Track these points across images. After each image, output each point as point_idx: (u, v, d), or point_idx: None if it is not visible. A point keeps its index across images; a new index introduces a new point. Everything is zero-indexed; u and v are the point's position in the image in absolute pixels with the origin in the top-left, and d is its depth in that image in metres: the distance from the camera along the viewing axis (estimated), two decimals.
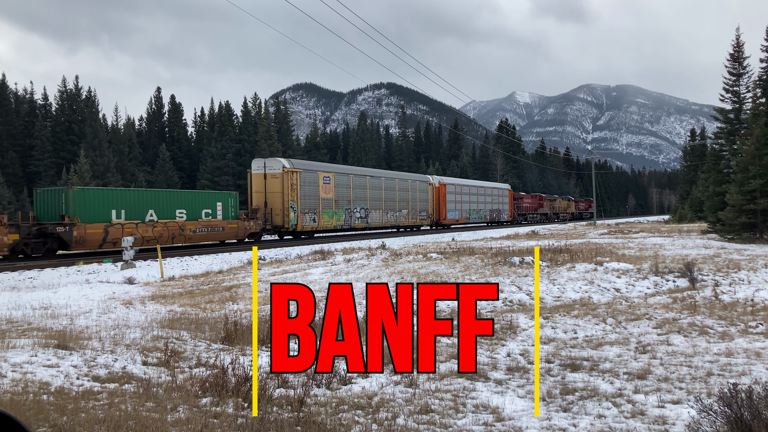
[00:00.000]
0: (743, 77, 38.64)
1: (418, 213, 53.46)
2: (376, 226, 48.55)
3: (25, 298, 13.14)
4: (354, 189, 45.01)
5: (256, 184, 38.92)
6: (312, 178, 40.73)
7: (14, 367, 6.60)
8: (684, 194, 75.22)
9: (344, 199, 43.66)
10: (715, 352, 7.91)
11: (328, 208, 41.96)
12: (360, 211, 45.78)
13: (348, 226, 44.64)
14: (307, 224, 39.93)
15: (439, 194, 56.89)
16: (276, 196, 38.30)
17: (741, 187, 28.72)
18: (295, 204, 38.65)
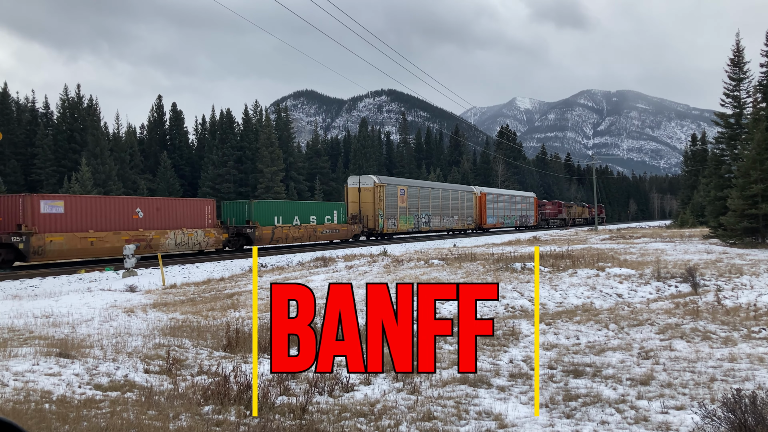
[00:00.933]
0: (744, 82, 38.72)
1: (465, 218, 62.58)
2: (436, 229, 57.25)
3: (27, 306, 13.13)
4: (420, 199, 54.47)
5: (352, 195, 48.50)
6: (393, 191, 49.96)
7: (16, 376, 6.59)
8: (685, 199, 75.15)
9: (414, 207, 53.07)
10: (718, 358, 7.88)
11: (404, 214, 51.34)
12: (425, 217, 55.30)
13: (416, 229, 53.73)
14: (390, 228, 49.12)
15: (481, 203, 65.80)
16: (368, 205, 47.94)
17: (742, 191, 28.70)
18: (382, 211, 48.12)
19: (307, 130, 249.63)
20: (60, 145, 64.52)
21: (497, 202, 69.29)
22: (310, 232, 41.83)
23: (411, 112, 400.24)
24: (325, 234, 43.46)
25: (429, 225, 55.74)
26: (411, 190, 53.06)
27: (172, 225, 31.73)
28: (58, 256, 26.36)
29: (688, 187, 76.10)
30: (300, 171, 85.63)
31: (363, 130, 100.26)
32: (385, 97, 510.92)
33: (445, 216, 58.29)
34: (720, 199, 34.09)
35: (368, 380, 7.23)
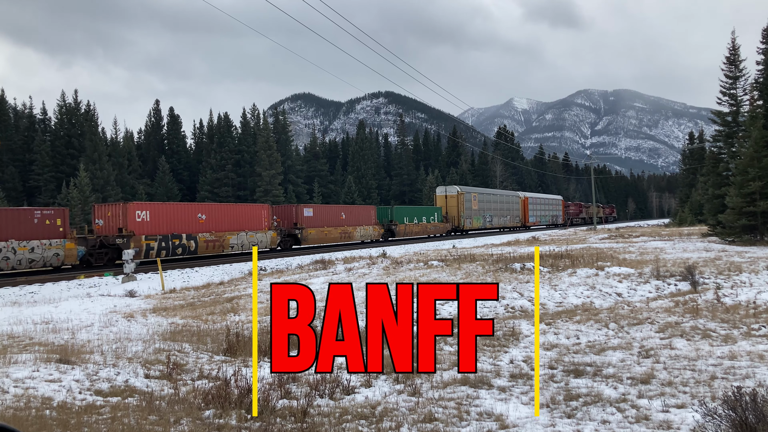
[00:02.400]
0: (740, 80, 38.72)
1: (514, 218, 77.38)
2: (496, 227, 72.48)
3: (27, 312, 13.12)
4: (486, 203, 69.19)
5: (440, 201, 64.54)
6: (469, 197, 65.40)
7: (16, 383, 6.59)
8: (684, 197, 75.27)
9: (482, 209, 68.17)
10: (718, 356, 7.89)
11: (476, 215, 66.53)
12: (489, 217, 70.53)
13: (483, 226, 68.91)
14: (467, 225, 64.79)
15: (524, 205, 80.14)
16: (453, 209, 63.77)
17: (740, 189, 28.74)
18: (462, 213, 63.69)
19: (305, 132, 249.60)
20: (58, 151, 64.48)
21: (536, 204, 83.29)
22: (425, 228, 57.60)
23: (409, 114, 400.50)
24: (430, 230, 58.57)
25: (491, 223, 70.89)
26: (480, 196, 68.23)
27: (236, 227, 36.59)
28: (153, 256, 31.02)
29: (686, 186, 76.21)
30: (298, 174, 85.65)
31: (361, 132, 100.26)
32: (382, 99, 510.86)
33: (501, 216, 73.37)
34: (718, 197, 34.12)
35: (369, 382, 7.23)
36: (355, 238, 47.49)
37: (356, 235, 46.26)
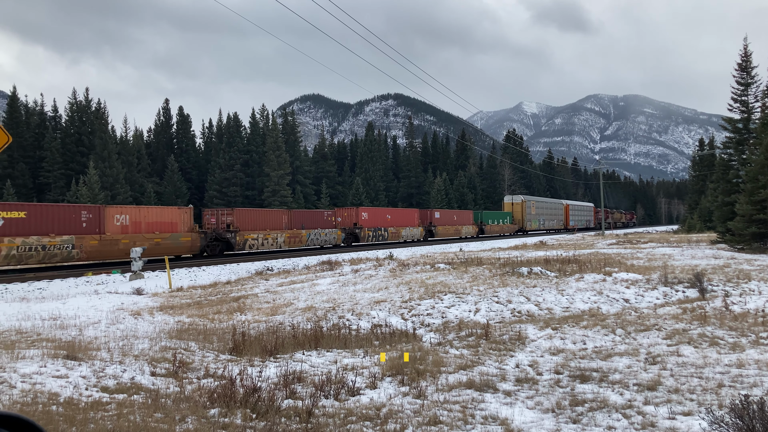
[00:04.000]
0: (752, 86, 38.52)
1: (559, 221, 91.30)
2: (546, 228, 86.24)
3: (35, 308, 13.20)
4: (540, 209, 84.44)
5: (507, 207, 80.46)
6: (529, 205, 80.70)
7: (23, 378, 6.62)
8: (693, 204, 74.87)
9: (538, 214, 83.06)
10: (726, 363, 7.84)
11: (534, 218, 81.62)
12: (542, 221, 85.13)
13: (539, 228, 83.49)
14: (528, 227, 79.80)
15: (567, 211, 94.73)
16: (518, 213, 79.09)
17: (750, 196, 28.55)
18: (525, 217, 78.97)
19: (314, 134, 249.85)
20: (68, 148, 64.80)
21: (575, 210, 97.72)
22: (502, 228, 74.17)
23: (418, 116, 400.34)
24: (506, 230, 75.08)
25: (544, 225, 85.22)
26: (537, 203, 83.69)
27: (313, 226, 45.31)
28: (249, 248, 38.74)
29: (695, 192, 75.79)
30: (306, 175, 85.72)
31: (369, 134, 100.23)
32: (391, 101, 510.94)
33: (550, 219, 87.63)
34: (728, 204, 33.92)
35: (374, 384, 7.23)
36: (402, 237, 54.50)
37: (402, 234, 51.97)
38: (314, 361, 8.57)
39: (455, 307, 12.97)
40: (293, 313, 13.05)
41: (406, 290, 15.19)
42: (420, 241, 55.34)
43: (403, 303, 13.49)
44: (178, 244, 33.51)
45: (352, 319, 12.00)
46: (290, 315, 12.87)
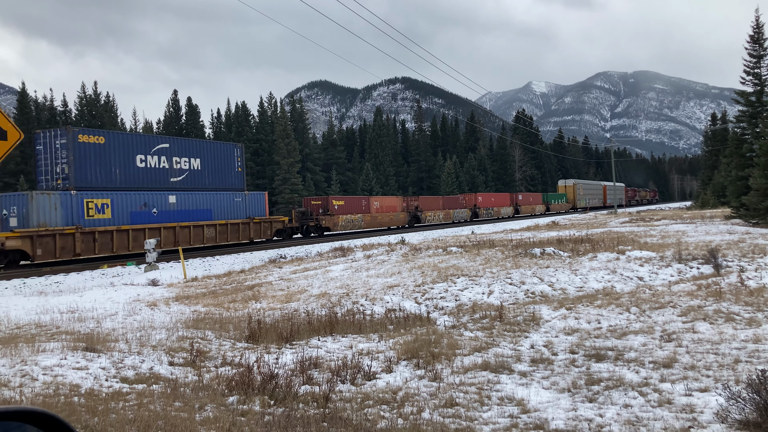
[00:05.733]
0: (764, 59, 38.00)
1: (599, 200, 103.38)
2: (590, 206, 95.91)
3: (53, 302, 13.36)
4: (587, 190, 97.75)
5: (560, 189, 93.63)
6: (579, 187, 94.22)
7: (45, 371, 6.73)
8: (706, 180, 74.24)
9: (584, 195, 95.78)
10: (742, 339, 7.82)
11: (582, 198, 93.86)
12: (587, 200, 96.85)
13: (586, 206, 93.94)
14: (579, 205, 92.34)
15: (605, 190, 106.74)
16: (570, 195, 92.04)
17: (765, 170, 28.26)
18: (576, 197, 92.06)
19: (322, 120, 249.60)
20: None
21: (610, 190, 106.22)
22: (563, 206, 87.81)
23: (426, 100, 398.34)
24: (563, 207, 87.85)
25: (589, 204, 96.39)
26: (584, 186, 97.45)
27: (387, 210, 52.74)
28: (341, 229, 45.91)
29: (708, 168, 75.12)
30: (316, 162, 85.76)
31: (378, 119, 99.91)
32: (399, 85, 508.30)
33: (593, 198, 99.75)
34: (742, 178, 33.61)
35: (390, 368, 7.28)
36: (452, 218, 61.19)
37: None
38: (330, 346, 8.64)
39: (468, 289, 12.99)
40: (307, 300, 13.13)
41: (418, 274, 15.22)
42: (509, 218, 69.05)
43: (416, 287, 13.53)
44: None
45: (366, 305, 12.06)
46: (305, 302, 12.95)
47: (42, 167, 27.37)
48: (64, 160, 26.66)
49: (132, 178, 29.55)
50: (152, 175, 30.60)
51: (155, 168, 30.76)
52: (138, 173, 29.86)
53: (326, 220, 44.09)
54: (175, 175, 31.85)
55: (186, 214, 31.59)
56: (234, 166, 35.96)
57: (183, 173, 32.35)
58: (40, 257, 24.65)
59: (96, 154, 27.88)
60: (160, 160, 31.03)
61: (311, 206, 45.10)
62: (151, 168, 30.51)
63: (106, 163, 28.31)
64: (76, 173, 26.78)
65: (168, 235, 30.11)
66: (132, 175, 29.56)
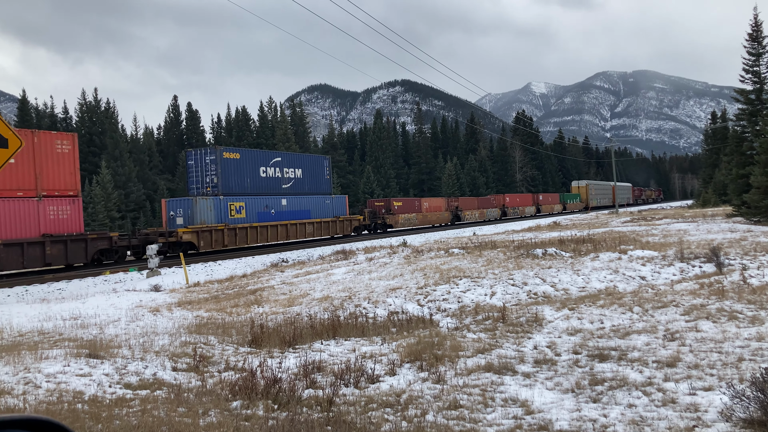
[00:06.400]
0: (763, 57, 38.01)
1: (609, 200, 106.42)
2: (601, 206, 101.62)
3: (55, 309, 13.37)
4: (597, 191, 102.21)
5: (574, 190, 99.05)
6: (591, 187, 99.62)
7: (48, 378, 6.73)
8: (707, 178, 74.20)
9: (596, 195, 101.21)
10: (745, 337, 7.80)
11: (594, 198, 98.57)
12: (599, 200, 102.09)
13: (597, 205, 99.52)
14: (592, 204, 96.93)
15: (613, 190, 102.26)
16: (583, 195, 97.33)
17: (765, 168, 28.25)
18: (588, 197, 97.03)
19: (323, 124, 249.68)
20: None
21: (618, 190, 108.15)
22: (577, 205, 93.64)
23: (426, 102, 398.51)
24: (577, 206, 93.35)
25: (599, 203, 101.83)
26: (595, 186, 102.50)
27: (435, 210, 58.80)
28: (400, 226, 52.45)
29: (709, 166, 75.10)
30: None
31: (378, 121, 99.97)
32: (399, 88, 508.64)
33: (603, 198, 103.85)
34: (742, 176, 33.59)
35: (393, 371, 7.27)
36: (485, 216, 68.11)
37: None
38: (333, 350, 8.63)
39: (471, 291, 12.99)
40: (310, 304, 13.13)
41: (421, 276, 15.22)
42: (532, 216, 76.03)
43: (418, 289, 13.52)
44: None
45: (369, 307, 12.06)
46: (307, 305, 12.95)
47: (193, 177, 34.37)
48: (213, 172, 33.45)
49: (257, 185, 36.33)
50: (270, 183, 37.49)
51: (272, 177, 37.76)
52: (261, 182, 36.67)
53: (390, 218, 51.23)
54: (285, 183, 38.84)
55: (293, 214, 38.59)
56: (324, 173, 42.90)
57: (290, 181, 39.37)
58: (202, 247, 31.29)
59: (234, 167, 34.57)
60: (275, 171, 38.04)
61: (375, 207, 52.28)
62: (269, 177, 37.45)
63: (241, 174, 35.11)
64: (222, 182, 33.49)
65: (282, 231, 37.22)
66: (257, 183, 36.36)
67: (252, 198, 35.44)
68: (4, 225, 23.15)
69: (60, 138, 25.44)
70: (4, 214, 23.13)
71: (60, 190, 25.10)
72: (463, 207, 63.54)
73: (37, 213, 24.20)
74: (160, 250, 28.85)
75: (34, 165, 24.04)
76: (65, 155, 25.28)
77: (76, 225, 25.70)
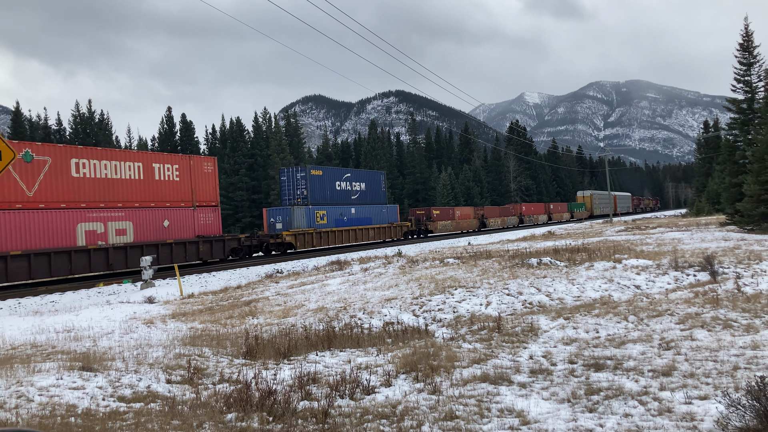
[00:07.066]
0: (754, 66, 38.29)
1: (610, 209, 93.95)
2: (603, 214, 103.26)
3: (48, 321, 13.28)
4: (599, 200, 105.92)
5: (579, 199, 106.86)
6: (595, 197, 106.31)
7: (41, 391, 6.67)
8: (700, 187, 74.54)
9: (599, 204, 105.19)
10: (740, 346, 7.81)
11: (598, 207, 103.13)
12: (602, 208, 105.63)
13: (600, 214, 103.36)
14: (596, 212, 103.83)
15: (615, 200, 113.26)
16: (588, 204, 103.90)
17: (758, 176, 28.41)
18: (593, 206, 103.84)
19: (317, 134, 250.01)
20: None
21: (619, 199, 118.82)
22: (583, 214, 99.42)
23: (420, 112, 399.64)
24: (584, 214, 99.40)
25: (602, 211, 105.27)
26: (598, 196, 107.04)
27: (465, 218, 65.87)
28: (439, 232, 59.03)
29: (702, 175, 75.44)
30: None
31: (372, 132, 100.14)
32: (393, 99, 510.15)
33: (605, 207, 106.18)
34: (735, 185, 33.75)
35: (388, 381, 7.24)
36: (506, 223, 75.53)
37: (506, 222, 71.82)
38: (328, 361, 8.60)
39: (466, 301, 12.97)
40: (305, 315, 13.09)
41: (416, 286, 15.20)
42: (544, 224, 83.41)
43: (413, 299, 13.50)
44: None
45: (364, 318, 12.02)
46: (302, 316, 12.91)
47: (286, 190, 42.11)
48: (303, 186, 41.17)
49: (334, 196, 43.92)
50: (343, 195, 45.17)
51: (344, 190, 45.51)
52: (336, 193, 44.31)
53: (431, 225, 58.57)
54: (353, 195, 46.65)
55: (360, 221, 46.32)
56: (381, 186, 50.70)
57: (357, 193, 47.16)
58: (299, 247, 39.03)
59: (318, 182, 42.25)
60: (347, 184, 45.88)
61: (417, 215, 59.23)
62: (342, 190, 45.19)
63: (323, 187, 42.67)
64: (310, 194, 41.24)
65: (351, 234, 44.55)
66: (334, 195, 43.98)
67: (331, 207, 43.06)
68: (175, 228, 30.34)
69: (206, 161, 32.71)
70: (175, 219, 30.34)
71: (206, 201, 32.20)
72: (487, 215, 71.26)
73: (193, 219, 31.45)
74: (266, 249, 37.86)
75: (191, 182, 31.20)
76: (209, 174, 32.52)
77: (217, 228, 32.89)
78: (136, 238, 28.09)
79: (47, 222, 24.73)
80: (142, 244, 27.98)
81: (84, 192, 26.17)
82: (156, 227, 29.11)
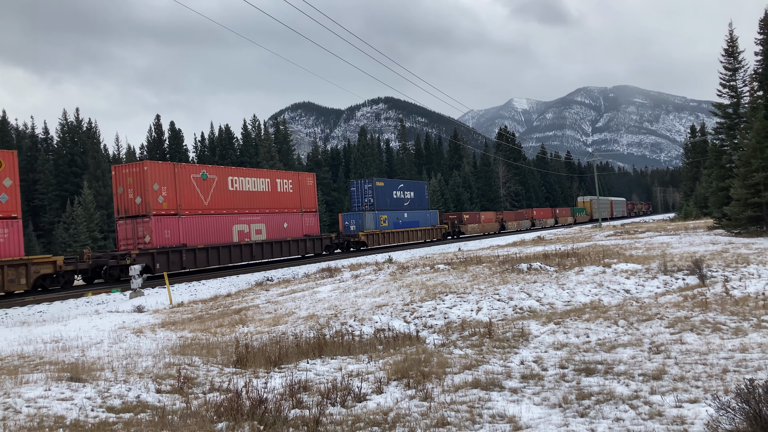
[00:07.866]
0: (739, 71, 38.70)
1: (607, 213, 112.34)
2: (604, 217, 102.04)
3: (36, 332, 13.15)
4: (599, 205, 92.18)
5: (580, 204, 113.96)
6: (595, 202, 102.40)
7: (28, 402, 6.60)
8: (688, 191, 75.15)
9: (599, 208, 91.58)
10: (729, 349, 7.86)
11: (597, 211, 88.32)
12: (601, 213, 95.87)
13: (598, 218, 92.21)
14: (595, 216, 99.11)
15: (612, 205, 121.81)
16: (588, 208, 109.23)
17: (744, 180, 28.68)
18: (594, 210, 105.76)
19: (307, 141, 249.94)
20: (61, 169, 64.72)
21: (614, 204, 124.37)
22: (584, 218, 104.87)
23: (409, 119, 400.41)
24: (585, 218, 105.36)
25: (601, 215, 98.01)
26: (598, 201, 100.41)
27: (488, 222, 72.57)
28: (469, 233, 66.64)
29: (690, 179, 76.07)
30: None
31: (362, 138, 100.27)
32: (382, 105, 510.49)
33: (603, 212, 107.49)
34: (722, 189, 34.04)
35: (380, 389, 7.22)
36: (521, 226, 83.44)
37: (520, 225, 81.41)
38: (319, 369, 8.57)
39: (457, 307, 12.98)
40: (295, 323, 13.04)
41: (407, 293, 15.19)
42: (552, 227, 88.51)
43: (404, 306, 13.49)
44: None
45: (355, 325, 12.00)
46: (293, 324, 12.86)
47: (355, 198, 49.97)
48: (370, 194, 49.03)
49: (392, 203, 51.75)
50: (398, 202, 53.01)
51: (399, 198, 53.40)
52: (393, 201, 52.13)
53: (462, 227, 66.57)
54: (405, 201, 54.40)
55: (410, 224, 54.42)
56: (425, 194, 58.73)
57: (407, 200, 54.87)
58: (369, 245, 46.69)
59: (381, 191, 50.07)
60: (401, 193, 53.89)
61: (449, 219, 66.29)
62: (398, 198, 53.12)
63: (383, 196, 50.41)
64: (376, 201, 49.03)
65: (405, 235, 52.49)
66: (392, 202, 51.79)
67: (390, 212, 51.09)
68: (291, 228, 38.57)
69: (309, 176, 41.35)
70: (290, 222, 38.61)
71: (309, 208, 40.66)
72: (506, 219, 79.93)
73: (301, 222, 39.73)
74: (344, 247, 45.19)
75: (299, 193, 39.69)
76: (311, 186, 41.19)
77: (316, 229, 41.31)
78: (267, 236, 36.14)
79: (216, 224, 32.67)
80: (271, 241, 36.04)
81: (237, 201, 34.23)
82: (279, 228, 37.26)
